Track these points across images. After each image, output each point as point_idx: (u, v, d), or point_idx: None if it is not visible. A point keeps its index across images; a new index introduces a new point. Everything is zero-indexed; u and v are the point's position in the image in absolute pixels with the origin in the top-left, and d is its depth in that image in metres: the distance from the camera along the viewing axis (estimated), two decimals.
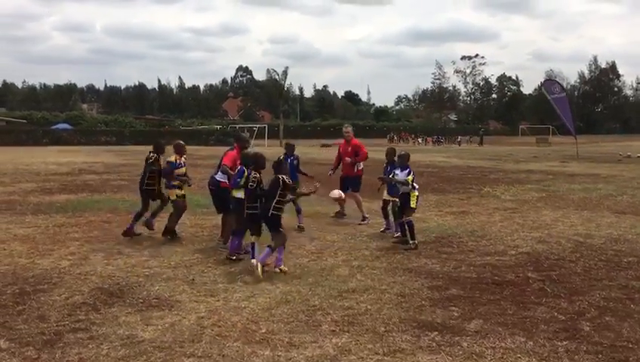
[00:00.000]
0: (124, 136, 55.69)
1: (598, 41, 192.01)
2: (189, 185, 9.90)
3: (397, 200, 9.31)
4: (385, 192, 9.99)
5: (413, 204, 8.97)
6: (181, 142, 10.00)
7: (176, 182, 9.56)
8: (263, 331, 5.26)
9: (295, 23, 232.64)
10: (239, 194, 8.13)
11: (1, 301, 6.14)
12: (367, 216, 10.97)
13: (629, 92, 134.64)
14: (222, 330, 5.28)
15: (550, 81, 37.37)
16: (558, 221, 10.92)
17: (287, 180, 7.69)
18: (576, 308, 5.81)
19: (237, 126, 69.97)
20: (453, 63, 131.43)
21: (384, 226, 10.12)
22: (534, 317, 5.54)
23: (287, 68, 69.89)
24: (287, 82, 70.60)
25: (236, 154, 9.02)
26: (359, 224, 10.70)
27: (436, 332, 5.16)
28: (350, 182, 11.24)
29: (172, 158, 9.66)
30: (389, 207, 9.94)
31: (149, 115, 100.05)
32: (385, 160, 10.16)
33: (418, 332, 5.18)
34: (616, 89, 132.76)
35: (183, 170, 9.67)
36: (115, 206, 12.84)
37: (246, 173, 7.87)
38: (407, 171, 8.97)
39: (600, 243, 8.81)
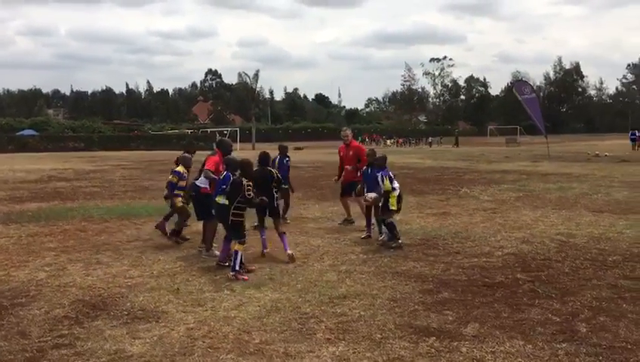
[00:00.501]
0: (93, 141, 54.67)
1: (562, 43, 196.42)
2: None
3: (370, 199, 9.19)
4: (366, 194, 9.61)
5: (392, 206, 8.98)
6: (188, 155, 10.01)
7: (180, 191, 9.63)
8: (257, 341, 5.10)
9: (264, 26, 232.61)
10: (223, 200, 7.96)
11: None
12: (372, 223, 9.94)
13: (592, 92, 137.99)
14: (213, 342, 5.11)
15: (521, 82, 37.95)
16: (538, 221, 10.98)
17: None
18: (569, 308, 5.79)
19: (208, 130, 69.52)
20: (422, 65, 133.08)
21: (365, 233, 9.65)
22: (529, 319, 5.50)
23: (258, 71, 70.01)
24: (258, 85, 70.14)
25: (218, 159, 8.85)
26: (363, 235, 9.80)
27: (434, 338, 5.06)
28: (354, 188, 10.42)
29: (179, 169, 9.70)
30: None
31: (117, 120, 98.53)
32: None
33: (415, 338, 5.08)
34: (580, 89, 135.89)
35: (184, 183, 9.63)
36: (90, 214, 12.49)
37: (232, 179, 7.71)
38: (382, 173, 9.04)
39: (583, 243, 8.86)
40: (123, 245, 9.31)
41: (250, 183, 7.64)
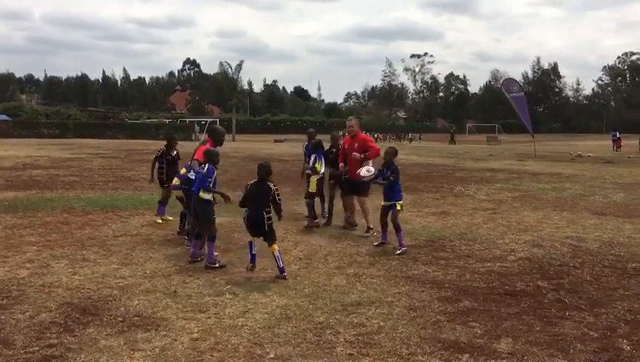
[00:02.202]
0: (68, 128, 53.19)
1: (539, 44, 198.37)
2: None
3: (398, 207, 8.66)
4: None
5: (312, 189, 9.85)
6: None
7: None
8: (272, 356, 4.58)
9: (243, 16, 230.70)
10: (208, 195, 7.43)
11: None
12: (372, 226, 9.43)
13: (569, 92, 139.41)
14: (223, 356, 4.58)
15: (509, 80, 37.71)
16: (542, 222, 10.62)
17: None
18: (604, 322, 5.38)
19: (187, 120, 68.28)
20: (403, 61, 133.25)
21: (380, 239, 8.73)
22: (565, 334, 5.07)
23: (242, 62, 69.06)
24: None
25: (209, 147, 8.32)
26: (363, 236, 9.28)
27: (467, 355, 4.61)
28: (356, 186, 9.65)
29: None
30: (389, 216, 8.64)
31: (92, 108, 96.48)
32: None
33: (446, 355, 4.61)
34: (557, 89, 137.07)
35: None
36: (71, 205, 11.79)
37: (255, 184, 7.21)
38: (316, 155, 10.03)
39: (596, 248, 8.50)
40: (110, 240, 8.70)
41: (277, 188, 7.22)
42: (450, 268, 7.32)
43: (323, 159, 10.18)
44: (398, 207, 8.58)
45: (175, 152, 10.30)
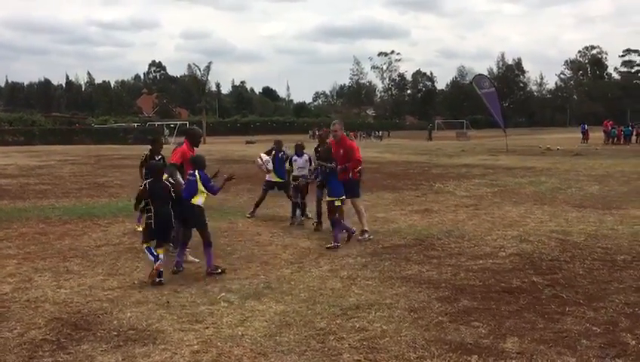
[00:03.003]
0: (34, 135, 51.96)
1: (502, 40, 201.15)
2: None
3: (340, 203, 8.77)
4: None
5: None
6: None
7: None
8: None
9: (208, 17, 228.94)
10: (200, 200, 7.28)
11: None
12: (367, 229, 9.09)
13: (533, 87, 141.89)
14: None
15: (480, 76, 38.14)
16: (525, 217, 10.70)
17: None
18: (604, 317, 5.39)
19: (156, 123, 67.39)
20: (371, 59, 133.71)
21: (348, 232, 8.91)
22: (568, 330, 5.06)
23: (210, 63, 67.96)
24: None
25: (186, 148, 8.14)
26: (359, 239, 8.88)
27: (475, 356, 4.55)
28: (347, 189, 9.04)
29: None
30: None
31: (56, 113, 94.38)
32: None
33: (455, 357, 4.55)
34: (521, 84, 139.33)
35: None
36: (46, 215, 11.44)
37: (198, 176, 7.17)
38: (305, 157, 10.61)
39: (582, 241, 8.57)
40: (92, 250, 8.44)
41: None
42: (443, 266, 7.28)
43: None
44: (338, 203, 8.68)
45: (160, 156, 9.97)
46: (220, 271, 7.08)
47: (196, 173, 7.34)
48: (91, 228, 10.07)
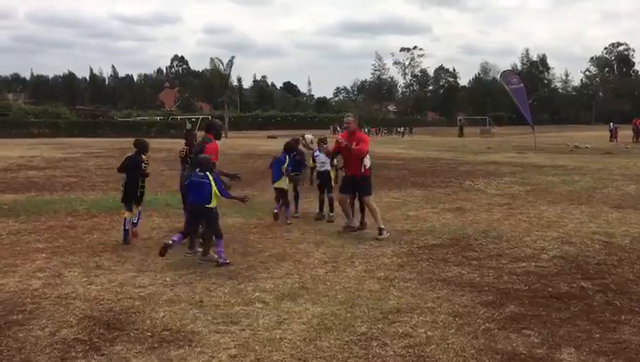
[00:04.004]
0: (59, 127, 52.43)
1: (525, 36, 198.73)
2: None
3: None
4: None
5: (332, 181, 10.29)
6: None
7: None
8: None
9: (229, 12, 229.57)
10: (214, 203, 7.37)
11: None
12: (383, 226, 8.79)
13: (558, 84, 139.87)
14: None
15: (509, 72, 37.46)
16: (562, 217, 10.33)
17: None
18: None
19: (178, 117, 67.67)
20: (393, 55, 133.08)
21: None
22: (627, 341, 4.75)
23: (233, 57, 67.82)
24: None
25: (216, 145, 7.94)
26: (377, 238, 8.59)
27: None
28: (358, 185, 9.02)
29: None
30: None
31: (80, 106, 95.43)
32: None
33: None
34: (545, 81, 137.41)
35: None
36: (74, 207, 11.37)
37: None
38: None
39: (628, 244, 8.21)
40: (121, 245, 8.29)
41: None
42: (484, 268, 6.99)
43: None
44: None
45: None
46: (228, 261, 7.08)
47: (210, 177, 7.22)
48: (119, 222, 9.85)
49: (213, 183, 7.20)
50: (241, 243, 8.43)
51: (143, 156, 8.71)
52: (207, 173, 7.24)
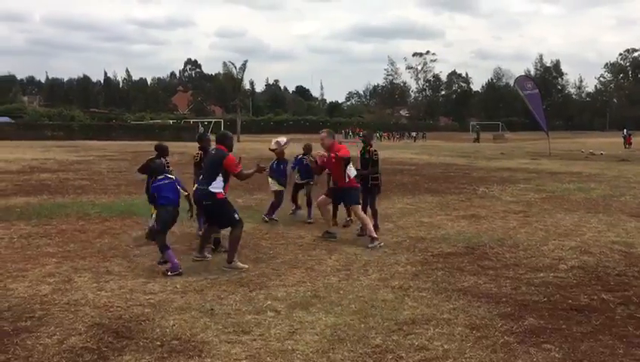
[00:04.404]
0: (73, 130, 52.78)
1: (539, 41, 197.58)
2: None
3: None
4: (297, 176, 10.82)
5: None
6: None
7: None
8: None
9: (243, 16, 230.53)
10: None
11: None
12: (375, 236, 8.63)
13: (571, 90, 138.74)
14: None
15: (523, 77, 37.18)
16: (580, 226, 10.13)
17: None
18: None
19: (191, 121, 67.90)
20: (405, 60, 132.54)
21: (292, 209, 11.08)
22: None
23: (246, 61, 67.69)
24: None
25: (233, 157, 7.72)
26: (368, 247, 8.42)
27: None
28: (344, 195, 9.05)
29: None
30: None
31: (94, 109, 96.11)
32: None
33: None
34: (559, 87, 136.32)
35: None
36: (85, 211, 11.32)
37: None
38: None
39: None
40: (132, 250, 8.22)
41: None
42: (501, 279, 6.82)
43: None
44: None
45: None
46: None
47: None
48: (131, 227, 9.88)
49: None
50: (252, 249, 8.32)
51: (164, 160, 8.58)
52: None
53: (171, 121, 68.05)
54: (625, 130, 43.76)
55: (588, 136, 74.88)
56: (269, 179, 10.79)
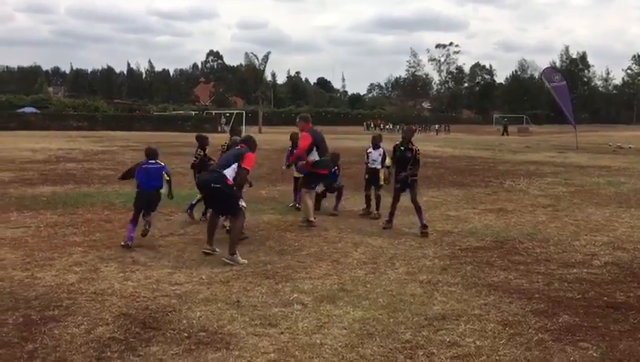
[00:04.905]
0: (97, 121, 53.28)
1: (564, 33, 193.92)
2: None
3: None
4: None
5: (382, 181, 10.24)
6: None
7: None
8: None
9: (264, 8, 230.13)
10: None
11: (2, 336, 4.73)
12: (312, 219, 9.23)
13: (598, 82, 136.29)
14: None
15: (550, 69, 36.56)
16: (611, 221, 9.89)
17: None
18: None
19: (213, 112, 68.03)
20: (428, 52, 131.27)
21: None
22: None
23: (268, 53, 67.82)
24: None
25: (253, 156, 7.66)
26: (300, 225, 9.19)
27: None
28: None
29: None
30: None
31: (117, 100, 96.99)
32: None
33: None
34: (585, 79, 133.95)
35: None
36: (111, 201, 11.35)
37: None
38: (380, 150, 10.32)
39: None
40: (157, 240, 8.21)
41: None
42: (532, 274, 6.66)
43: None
44: None
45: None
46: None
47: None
48: (155, 217, 9.78)
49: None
50: (277, 240, 8.26)
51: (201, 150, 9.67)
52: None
53: (194, 113, 68.25)
54: None
55: (614, 129, 73.49)
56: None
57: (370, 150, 10.47)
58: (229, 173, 7.29)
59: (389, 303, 5.65)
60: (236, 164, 7.35)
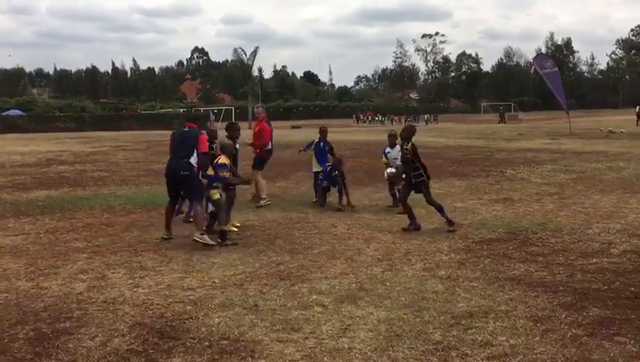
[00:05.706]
0: (84, 121, 52.67)
1: (548, 19, 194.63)
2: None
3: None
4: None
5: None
6: (229, 142, 8.90)
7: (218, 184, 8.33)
8: None
9: (249, 2, 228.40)
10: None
11: (15, 352, 4.50)
12: (264, 196, 10.82)
13: (583, 68, 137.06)
14: None
15: (542, 56, 36.68)
16: (620, 207, 9.79)
17: None
18: None
19: (201, 109, 67.48)
20: (414, 42, 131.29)
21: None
22: None
23: (257, 48, 66.86)
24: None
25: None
26: (258, 206, 10.52)
27: None
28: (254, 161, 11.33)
29: (224, 161, 8.22)
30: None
31: (103, 99, 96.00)
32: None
33: None
34: (571, 65, 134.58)
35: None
36: (109, 203, 11.10)
37: None
38: (397, 148, 9.83)
39: None
40: (163, 243, 7.98)
41: None
42: (553, 266, 6.51)
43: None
44: None
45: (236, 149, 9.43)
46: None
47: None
48: (157, 219, 9.61)
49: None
50: (286, 239, 8.07)
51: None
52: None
53: (182, 110, 67.68)
54: (638, 107, 42.84)
55: (601, 114, 73.88)
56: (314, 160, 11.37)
57: (387, 150, 10.54)
58: (194, 160, 7.82)
59: (411, 302, 5.48)
60: (195, 151, 7.85)
